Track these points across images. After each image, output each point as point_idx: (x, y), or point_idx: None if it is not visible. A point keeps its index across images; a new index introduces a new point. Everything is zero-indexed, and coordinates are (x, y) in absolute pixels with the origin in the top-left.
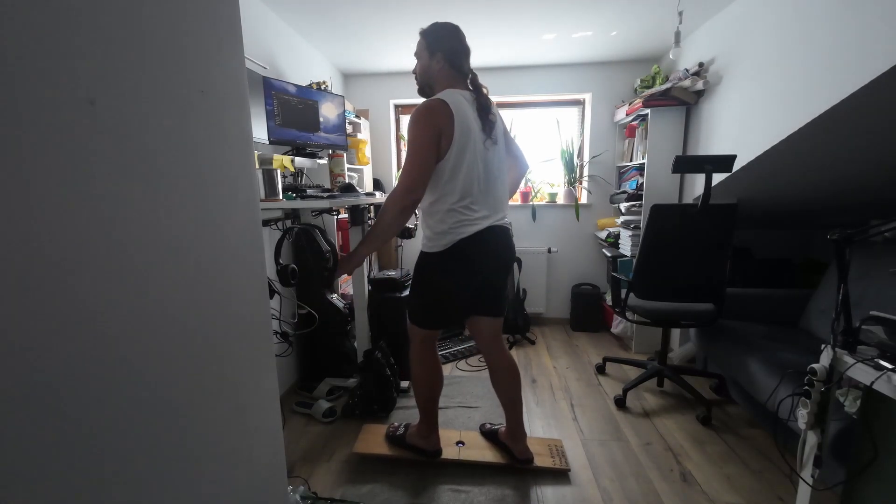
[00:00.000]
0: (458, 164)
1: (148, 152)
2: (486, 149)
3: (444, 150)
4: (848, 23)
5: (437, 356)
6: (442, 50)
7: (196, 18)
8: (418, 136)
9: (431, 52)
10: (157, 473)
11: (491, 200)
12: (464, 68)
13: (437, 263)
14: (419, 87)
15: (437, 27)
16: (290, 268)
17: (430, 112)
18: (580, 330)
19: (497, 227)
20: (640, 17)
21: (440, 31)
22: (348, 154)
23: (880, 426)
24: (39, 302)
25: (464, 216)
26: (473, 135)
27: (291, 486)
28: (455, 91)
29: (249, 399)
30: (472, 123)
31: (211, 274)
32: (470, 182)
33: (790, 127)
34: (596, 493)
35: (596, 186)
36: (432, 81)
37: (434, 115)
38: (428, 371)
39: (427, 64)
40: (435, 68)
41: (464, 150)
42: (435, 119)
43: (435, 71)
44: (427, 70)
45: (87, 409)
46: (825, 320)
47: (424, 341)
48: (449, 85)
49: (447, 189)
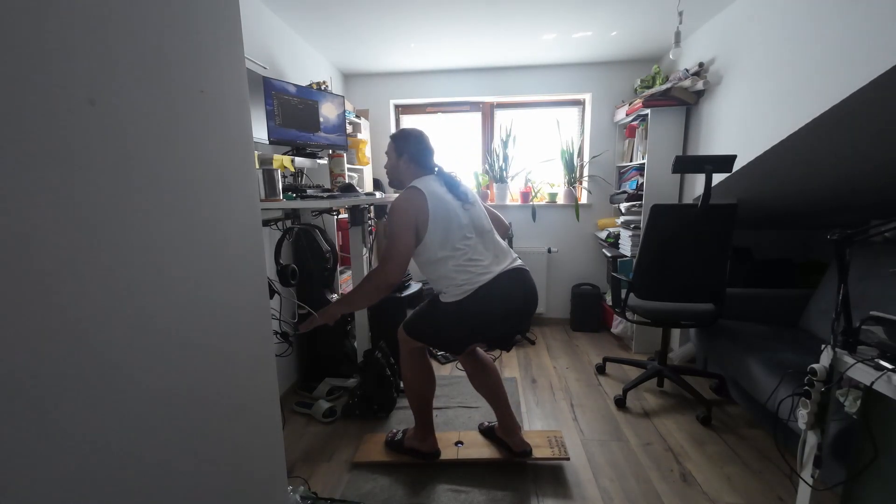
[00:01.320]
0: (446, 231)
1: (148, 152)
2: (467, 210)
3: (422, 229)
4: (848, 23)
5: (428, 360)
6: (407, 153)
7: (196, 18)
8: (396, 223)
9: (399, 154)
10: (157, 473)
11: (492, 250)
12: (428, 164)
13: (453, 312)
14: (389, 180)
15: (404, 134)
16: (290, 268)
17: (405, 200)
18: (580, 330)
19: (512, 269)
20: (640, 17)
21: (407, 138)
22: (348, 154)
23: (880, 426)
24: (39, 301)
25: (473, 269)
26: (449, 204)
27: (291, 486)
28: (426, 178)
29: (249, 399)
30: (445, 195)
31: (211, 274)
32: (464, 241)
33: (790, 127)
34: (596, 493)
35: (596, 186)
36: (401, 177)
37: (408, 202)
38: (419, 376)
39: (395, 163)
40: (402, 167)
41: (447, 218)
42: (409, 205)
43: (402, 169)
44: (395, 168)
45: (88, 409)
46: (825, 320)
47: (414, 350)
48: (416, 177)
49: (444, 254)
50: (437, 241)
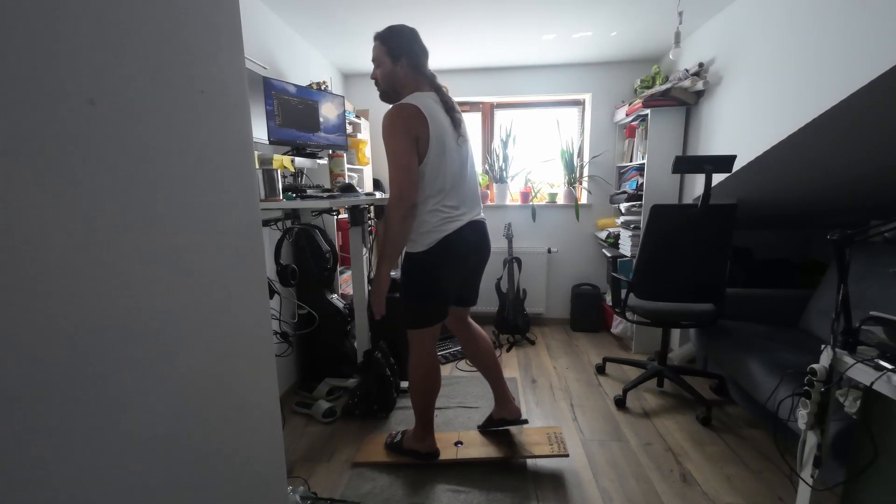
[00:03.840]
0: (437, 165)
1: (147, 152)
2: (459, 146)
3: (422, 154)
4: (848, 22)
5: (437, 360)
6: (405, 54)
7: (196, 18)
8: (398, 144)
9: (395, 57)
10: (157, 473)
11: (468, 196)
12: (426, 71)
13: (422, 262)
14: (382, 92)
15: (396, 31)
16: (290, 268)
17: (404, 118)
18: (580, 330)
19: (476, 221)
20: (640, 17)
21: (402, 36)
22: (348, 154)
23: (880, 426)
24: (38, 302)
25: (446, 214)
26: (447, 135)
27: (291, 486)
28: (422, 94)
29: (249, 399)
30: (445, 123)
31: (211, 274)
32: (449, 180)
33: (790, 127)
34: (596, 494)
35: (596, 187)
36: (398, 87)
37: (409, 120)
38: (429, 374)
39: (391, 69)
40: (400, 73)
41: (442, 151)
42: (410, 124)
43: (400, 76)
44: (391, 75)
45: (88, 409)
46: (825, 320)
47: (425, 343)
48: (416, 88)
49: (428, 190)
50: (430, 173)
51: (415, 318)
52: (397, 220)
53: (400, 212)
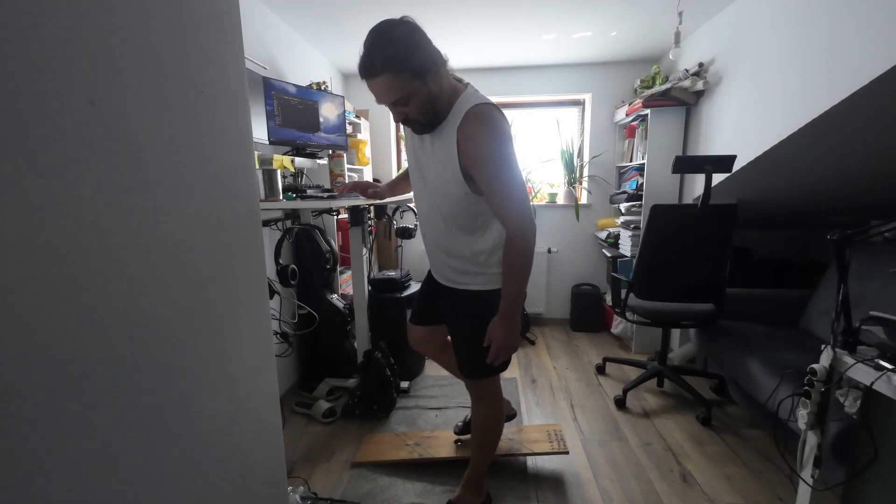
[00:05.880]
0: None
1: (147, 152)
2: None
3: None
4: (848, 22)
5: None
6: (433, 61)
7: (196, 18)
8: (509, 152)
9: (423, 74)
10: (157, 473)
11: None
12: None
13: (497, 301)
14: (428, 122)
15: (399, 42)
16: (290, 268)
17: (504, 122)
18: (580, 330)
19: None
20: (639, 17)
21: (409, 43)
22: (348, 154)
23: (880, 426)
24: (38, 301)
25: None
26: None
27: (291, 486)
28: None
29: (249, 399)
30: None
31: (211, 274)
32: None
33: (790, 127)
34: (596, 494)
35: (596, 187)
36: (444, 103)
37: (507, 126)
38: (499, 417)
39: (427, 92)
40: (437, 86)
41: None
42: (509, 129)
43: (442, 88)
44: (431, 98)
45: (88, 409)
46: (825, 320)
47: (498, 388)
48: (456, 88)
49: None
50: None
51: (493, 364)
52: (521, 251)
53: (521, 243)
